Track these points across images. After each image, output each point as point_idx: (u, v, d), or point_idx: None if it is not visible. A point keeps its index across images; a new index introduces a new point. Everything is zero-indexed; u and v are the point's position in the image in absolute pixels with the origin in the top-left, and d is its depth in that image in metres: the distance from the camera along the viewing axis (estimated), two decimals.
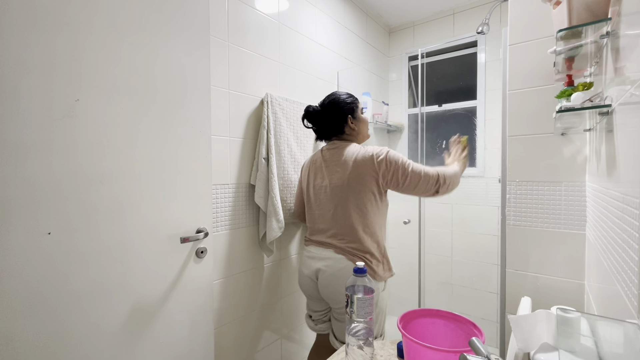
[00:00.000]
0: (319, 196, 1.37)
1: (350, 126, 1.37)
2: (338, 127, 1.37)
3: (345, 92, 1.41)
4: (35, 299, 0.77)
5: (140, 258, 0.96)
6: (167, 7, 1.01)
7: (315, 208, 1.39)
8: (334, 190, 1.31)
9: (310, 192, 1.41)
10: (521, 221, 1.30)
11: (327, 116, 1.38)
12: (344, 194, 1.28)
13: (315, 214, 1.39)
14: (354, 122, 1.38)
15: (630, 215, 0.60)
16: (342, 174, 1.28)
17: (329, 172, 1.33)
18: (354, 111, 1.38)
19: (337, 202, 1.30)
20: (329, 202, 1.33)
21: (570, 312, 0.67)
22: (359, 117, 1.40)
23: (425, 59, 2.37)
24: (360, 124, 1.40)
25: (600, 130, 0.95)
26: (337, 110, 1.36)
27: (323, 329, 1.43)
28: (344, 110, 1.36)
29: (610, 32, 0.78)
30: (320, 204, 1.37)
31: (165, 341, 1.03)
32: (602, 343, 0.61)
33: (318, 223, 1.38)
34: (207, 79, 1.12)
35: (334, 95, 1.40)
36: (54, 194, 0.80)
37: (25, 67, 0.75)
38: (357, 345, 0.77)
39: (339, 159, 1.31)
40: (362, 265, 0.82)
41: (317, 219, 1.38)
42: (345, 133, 1.38)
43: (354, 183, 1.26)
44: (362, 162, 1.26)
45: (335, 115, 1.36)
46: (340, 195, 1.29)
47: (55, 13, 0.79)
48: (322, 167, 1.37)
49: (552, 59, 1.00)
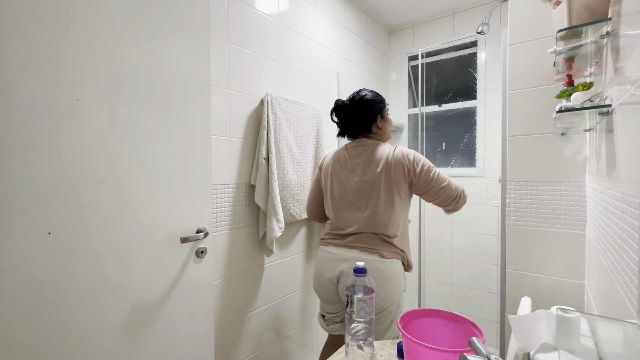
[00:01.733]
0: (346, 192, 1.35)
1: (378, 125, 1.38)
2: (366, 126, 1.37)
3: (373, 90, 1.41)
4: (35, 299, 0.77)
5: (140, 258, 0.96)
6: (167, 7, 1.01)
7: (340, 203, 1.37)
8: (365, 187, 1.30)
9: (335, 188, 1.40)
10: (521, 221, 1.30)
11: (356, 113, 1.37)
12: (376, 190, 1.28)
13: (340, 209, 1.37)
14: (381, 122, 1.38)
15: (630, 215, 0.60)
16: (374, 171, 1.28)
17: (361, 169, 1.32)
18: (383, 111, 1.39)
19: (368, 198, 1.29)
20: (359, 198, 1.32)
21: (570, 312, 0.67)
22: (387, 118, 1.41)
23: (425, 59, 2.38)
24: (386, 125, 1.41)
25: (600, 130, 0.95)
26: (367, 109, 1.36)
27: (335, 330, 1.41)
28: (374, 109, 1.36)
29: (610, 32, 0.78)
30: (347, 199, 1.35)
31: (165, 341, 1.03)
32: (602, 343, 0.61)
33: (343, 218, 1.36)
34: (207, 79, 1.12)
35: (364, 92, 1.38)
36: (54, 194, 0.80)
37: (25, 67, 0.75)
38: (357, 345, 0.77)
39: (371, 157, 1.31)
40: (362, 265, 0.82)
41: (342, 214, 1.36)
42: (372, 132, 1.39)
43: (387, 181, 1.27)
44: (395, 161, 1.27)
45: (365, 113, 1.36)
46: (372, 191, 1.29)
47: (56, 13, 0.79)
48: (347, 164, 1.36)
49: (552, 59, 1.00)
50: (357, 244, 1.30)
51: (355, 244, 1.30)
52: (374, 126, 1.38)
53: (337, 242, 1.35)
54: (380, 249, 1.27)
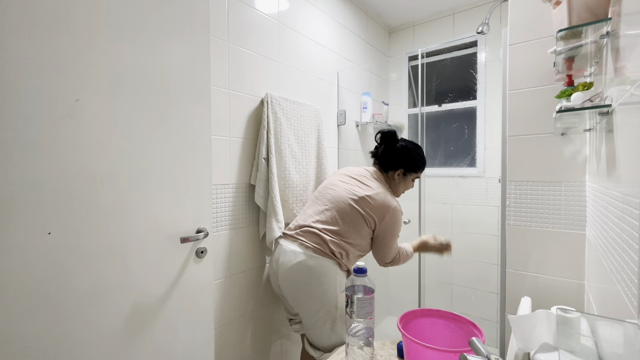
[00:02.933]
0: (327, 191, 1.41)
1: (396, 175, 1.43)
2: (389, 165, 1.43)
3: (421, 154, 1.46)
4: (35, 299, 0.77)
5: (140, 258, 0.96)
6: (167, 7, 1.01)
7: (313, 200, 1.44)
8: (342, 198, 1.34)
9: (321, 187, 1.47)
10: (521, 221, 1.30)
11: (393, 150, 1.43)
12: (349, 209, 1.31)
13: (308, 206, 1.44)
14: (399, 177, 1.43)
15: (630, 215, 0.60)
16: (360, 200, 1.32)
17: (352, 186, 1.37)
18: (410, 172, 1.43)
19: (338, 208, 1.33)
20: (330, 202, 1.36)
21: (570, 312, 0.67)
22: (406, 180, 1.45)
23: (425, 59, 2.38)
24: (401, 184, 1.45)
25: (600, 130, 0.95)
26: (402, 155, 1.42)
27: (297, 329, 1.46)
28: (407, 163, 1.42)
29: (610, 32, 0.78)
30: (321, 198, 1.41)
31: (165, 341, 1.03)
32: (602, 343, 0.61)
33: (303, 215, 1.42)
34: (207, 79, 1.12)
35: (415, 145, 1.46)
36: (54, 194, 0.80)
37: (25, 67, 0.75)
38: (357, 345, 0.77)
39: (370, 189, 1.35)
40: (362, 265, 0.82)
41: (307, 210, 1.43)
42: (387, 173, 1.44)
43: (360, 213, 1.31)
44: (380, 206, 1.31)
45: (399, 156, 1.42)
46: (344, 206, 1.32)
47: (56, 13, 0.79)
48: (349, 179, 1.42)
49: (552, 59, 1.00)
50: (299, 239, 1.33)
51: (297, 239, 1.34)
52: (393, 172, 1.43)
53: (287, 234, 1.40)
54: (318, 246, 1.29)
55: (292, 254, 1.30)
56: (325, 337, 1.29)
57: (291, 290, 1.32)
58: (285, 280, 1.32)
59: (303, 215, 1.43)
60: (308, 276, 1.26)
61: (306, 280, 1.27)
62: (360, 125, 2.27)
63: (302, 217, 1.43)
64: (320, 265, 1.26)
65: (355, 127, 2.27)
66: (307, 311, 1.30)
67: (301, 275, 1.27)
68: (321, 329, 1.28)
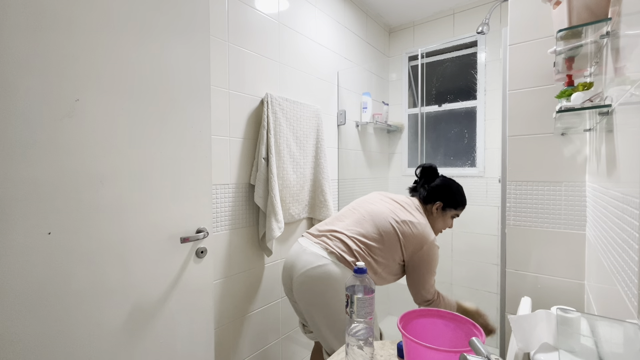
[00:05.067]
0: (366, 205, 1.34)
1: (435, 208, 1.39)
2: (429, 198, 1.39)
3: (463, 192, 1.44)
4: (36, 299, 0.77)
5: (140, 258, 0.96)
6: (167, 7, 1.01)
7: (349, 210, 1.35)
8: (383, 215, 1.26)
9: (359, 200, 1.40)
10: (521, 221, 1.30)
11: (434, 182, 1.41)
12: (388, 228, 1.24)
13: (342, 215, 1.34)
14: (438, 211, 1.39)
15: (630, 215, 0.60)
16: (401, 224, 1.25)
17: (394, 207, 1.31)
18: (450, 207, 1.40)
19: (376, 223, 1.25)
20: (369, 214, 1.28)
21: (570, 312, 0.67)
22: (445, 216, 1.41)
23: (425, 59, 2.38)
24: (439, 219, 1.41)
25: (600, 130, 0.95)
26: (443, 191, 1.39)
27: (312, 337, 1.37)
28: (446, 196, 1.39)
29: (610, 32, 0.78)
30: (359, 209, 1.32)
31: (165, 341, 1.03)
32: (602, 343, 0.61)
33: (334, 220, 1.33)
34: (207, 79, 1.12)
35: (454, 182, 1.44)
36: (54, 194, 0.80)
37: (25, 67, 0.75)
38: (357, 345, 0.77)
39: (413, 217, 1.29)
40: (362, 265, 0.82)
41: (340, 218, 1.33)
42: (426, 205, 1.40)
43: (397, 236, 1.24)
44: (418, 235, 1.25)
45: (439, 191, 1.39)
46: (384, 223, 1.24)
47: (55, 13, 0.79)
48: (391, 201, 1.36)
49: (552, 59, 1.00)
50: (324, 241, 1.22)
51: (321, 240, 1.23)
52: (432, 205, 1.39)
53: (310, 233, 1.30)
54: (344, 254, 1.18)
55: (313, 255, 1.18)
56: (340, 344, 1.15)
57: (305, 294, 1.19)
58: (300, 283, 1.19)
59: (334, 221, 1.32)
60: (327, 284, 1.14)
61: (324, 287, 1.15)
62: (360, 125, 2.28)
63: (331, 222, 1.33)
64: (342, 274, 1.14)
65: (355, 127, 2.27)
66: (320, 321, 1.18)
67: (319, 281, 1.15)
68: (336, 338, 1.17)
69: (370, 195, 1.44)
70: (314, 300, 1.18)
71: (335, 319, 1.16)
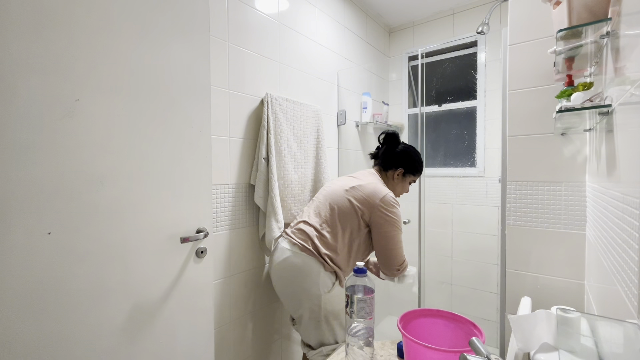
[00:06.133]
0: (324, 190, 1.45)
1: (396, 175, 1.45)
2: (390, 164, 1.46)
3: (419, 158, 1.49)
4: (35, 299, 0.77)
5: (140, 258, 0.96)
6: (167, 7, 1.01)
7: (312, 200, 1.49)
8: (335, 192, 1.38)
9: (319, 193, 1.50)
10: (521, 221, 1.30)
11: (395, 150, 1.47)
12: (340, 201, 1.33)
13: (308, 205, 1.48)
14: (399, 177, 1.45)
15: (630, 215, 0.60)
16: (350, 190, 1.34)
17: (346, 181, 1.41)
18: (410, 173, 1.47)
19: (331, 202, 1.36)
20: (324, 197, 1.40)
21: (570, 312, 0.67)
22: (405, 181, 1.48)
23: (425, 59, 2.38)
24: (399, 184, 1.47)
25: (600, 130, 0.95)
26: (404, 156, 1.45)
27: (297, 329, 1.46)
28: (406, 163, 1.45)
29: (610, 32, 0.78)
30: (318, 196, 1.45)
31: (165, 341, 1.03)
32: (602, 343, 0.61)
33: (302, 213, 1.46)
34: (207, 79, 1.12)
35: (415, 149, 1.49)
36: (54, 194, 0.80)
37: (25, 67, 0.75)
38: (357, 345, 0.77)
39: (361, 181, 1.37)
40: (362, 265, 0.82)
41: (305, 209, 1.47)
42: (386, 172, 1.47)
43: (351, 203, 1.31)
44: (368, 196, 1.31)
45: (399, 158, 1.45)
46: (337, 198, 1.35)
47: (55, 13, 0.79)
48: (346, 177, 1.46)
49: (552, 59, 1.00)
50: (290, 236, 1.36)
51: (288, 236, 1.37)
52: (392, 171, 1.46)
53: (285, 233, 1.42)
54: (305, 243, 1.30)
55: (281, 251, 1.34)
56: (312, 335, 1.31)
57: (278, 287, 1.37)
58: (273, 277, 1.38)
59: (301, 214, 1.46)
60: (292, 274, 1.29)
61: (290, 277, 1.30)
62: (360, 125, 2.28)
63: (300, 215, 1.47)
64: (303, 264, 1.28)
65: (355, 127, 2.27)
66: (292, 308, 1.35)
67: (286, 273, 1.31)
68: (306, 327, 1.31)
69: (333, 180, 1.54)
70: (285, 292, 1.34)
71: (298, 306, 1.29)
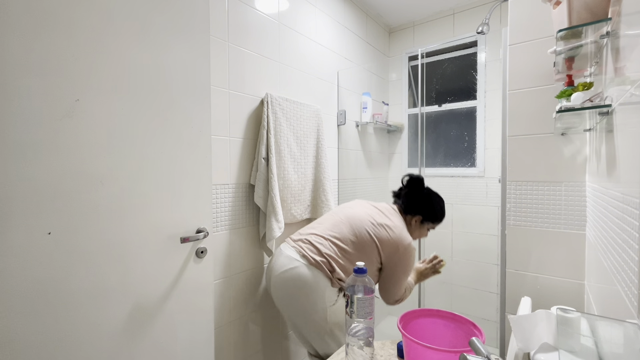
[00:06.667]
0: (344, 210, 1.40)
1: (413, 220, 1.43)
2: (410, 209, 1.43)
3: (444, 206, 1.48)
4: (35, 299, 0.77)
5: (140, 258, 0.96)
6: (167, 7, 1.01)
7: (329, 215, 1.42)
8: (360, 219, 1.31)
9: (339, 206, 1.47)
10: (521, 221, 1.30)
11: (417, 195, 1.44)
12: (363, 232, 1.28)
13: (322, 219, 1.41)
14: (416, 224, 1.44)
15: (630, 215, 0.60)
16: (378, 227, 1.30)
17: (372, 212, 1.36)
18: (429, 221, 1.45)
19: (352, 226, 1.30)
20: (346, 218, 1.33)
21: (570, 312, 0.67)
22: (423, 228, 1.46)
23: (425, 59, 2.38)
24: (417, 230, 1.45)
25: (600, 130, 0.95)
26: (426, 205, 1.43)
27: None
28: (427, 211, 1.43)
29: (610, 32, 0.78)
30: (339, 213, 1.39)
31: (165, 341, 1.03)
32: (602, 343, 0.61)
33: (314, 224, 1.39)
34: (207, 79, 1.12)
35: (439, 196, 1.48)
36: (54, 194, 0.80)
37: (25, 67, 0.75)
38: (357, 345, 0.77)
39: (390, 221, 1.33)
40: (362, 265, 0.82)
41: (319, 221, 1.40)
42: (406, 216, 1.43)
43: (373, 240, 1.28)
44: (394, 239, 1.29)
45: (420, 205, 1.42)
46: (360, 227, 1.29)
47: (56, 13, 0.79)
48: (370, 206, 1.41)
49: (552, 59, 1.00)
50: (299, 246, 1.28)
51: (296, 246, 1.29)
52: (411, 216, 1.43)
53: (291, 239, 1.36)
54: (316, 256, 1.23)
55: (287, 259, 1.25)
56: (319, 348, 1.26)
57: (279, 297, 1.28)
58: (274, 285, 1.28)
59: (314, 224, 1.39)
60: (297, 285, 1.21)
61: (295, 289, 1.22)
62: (360, 125, 2.28)
63: (312, 226, 1.39)
64: (312, 277, 1.20)
65: (355, 127, 2.27)
66: (294, 322, 1.27)
67: (290, 283, 1.22)
68: (312, 341, 1.25)
69: (352, 201, 1.50)
70: (287, 302, 1.26)
71: (308, 322, 1.23)
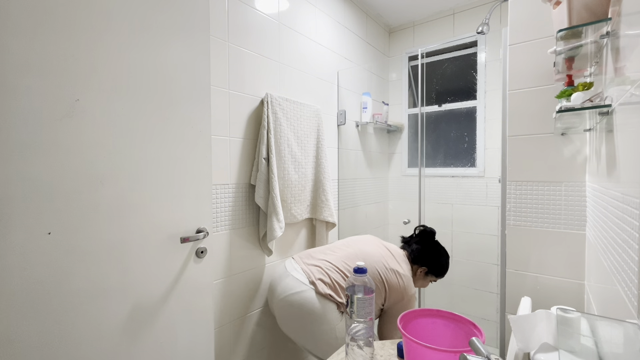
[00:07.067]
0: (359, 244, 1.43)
1: (419, 271, 1.47)
2: (417, 260, 1.47)
3: (448, 262, 1.52)
4: (35, 299, 0.77)
5: (140, 258, 0.96)
6: (167, 7, 1.01)
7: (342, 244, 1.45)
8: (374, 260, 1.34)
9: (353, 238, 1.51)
10: (521, 221, 1.30)
11: (426, 248, 1.48)
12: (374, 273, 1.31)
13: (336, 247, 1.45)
14: (421, 274, 1.48)
15: (630, 215, 0.60)
16: (389, 272, 1.33)
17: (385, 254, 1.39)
18: (432, 274, 1.49)
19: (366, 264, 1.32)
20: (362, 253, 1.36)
21: (570, 312, 0.67)
22: (426, 279, 1.50)
23: (425, 59, 2.38)
24: (421, 280, 1.49)
25: (600, 130, 0.95)
26: (431, 259, 1.47)
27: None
28: (432, 264, 1.47)
29: (610, 32, 0.78)
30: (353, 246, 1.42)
31: (165, 341, 1.03)
32: (602, 343, 0.61)
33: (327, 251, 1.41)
34: (207, 79, 1.12)
35: (445, 253, 1.52)
36: (54, 194, 0.80)
37: (25, 67, 0.75)
38: (357, 345, 0.77)
39: (402, 268, 1.37)
40: (362, 265, 0.82)
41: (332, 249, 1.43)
42: (412, 265, 1.47)
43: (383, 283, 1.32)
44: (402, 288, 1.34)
45: (427, 258, 1.47)
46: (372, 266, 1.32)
47: (56, 13, 0.79)
48: (383, 247, 1.44)
49: (552, 59, 1.00)
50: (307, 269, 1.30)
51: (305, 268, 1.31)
52: (416, 266, 1.47)
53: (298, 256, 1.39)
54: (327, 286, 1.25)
55: (295, 281, 1.27)
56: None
57: (285, 320, 1.30)
58: (280, 308, 1.28)
59: (326, 251, 1.41)
60: (304, 311, 1.22)
61: (301, 314, 1.22)
62: (360, 125, 2.28)
63: (323, 251, 1.41)
64: (320, 306, 1.22)
65: (355, 127, 2.27)
66: (303, 344, 1.28)
67: (297, 308, 1.23)
68: (324, 355, 1.25)
69: (365, 236, 1.54)
70: (294, 326, 1.28)
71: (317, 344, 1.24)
